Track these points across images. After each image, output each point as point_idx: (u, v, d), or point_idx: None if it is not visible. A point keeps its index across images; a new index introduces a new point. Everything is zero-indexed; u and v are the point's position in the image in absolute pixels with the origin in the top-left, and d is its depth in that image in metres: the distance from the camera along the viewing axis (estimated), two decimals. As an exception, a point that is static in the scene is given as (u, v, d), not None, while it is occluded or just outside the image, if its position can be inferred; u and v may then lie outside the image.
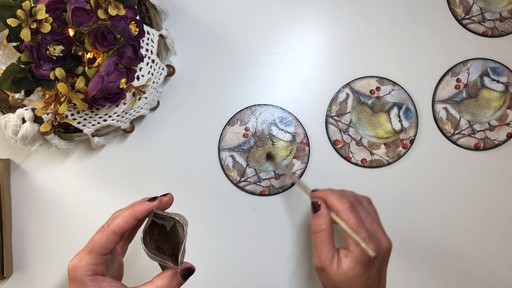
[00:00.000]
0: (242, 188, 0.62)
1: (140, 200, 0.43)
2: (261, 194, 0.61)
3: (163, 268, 0.42)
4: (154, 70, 0.56)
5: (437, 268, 0.63)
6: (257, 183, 0.61)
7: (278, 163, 0.60)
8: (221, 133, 0.62)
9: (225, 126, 0.62)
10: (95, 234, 0.41)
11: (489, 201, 0.63)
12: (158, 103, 0.62)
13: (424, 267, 0.63)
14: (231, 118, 0.62)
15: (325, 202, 0.50)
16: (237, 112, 0.62)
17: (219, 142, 0.62)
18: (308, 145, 0.62)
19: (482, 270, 0.63)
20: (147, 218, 0.41)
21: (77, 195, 0.62)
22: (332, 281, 0.47)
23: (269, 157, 0.61)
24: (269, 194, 0.62)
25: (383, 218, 0.52)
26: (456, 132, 0.64)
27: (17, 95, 0.51)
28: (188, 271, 0.41)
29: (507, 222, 0.63)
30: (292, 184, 0.62)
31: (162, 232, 0.42)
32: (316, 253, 0.48)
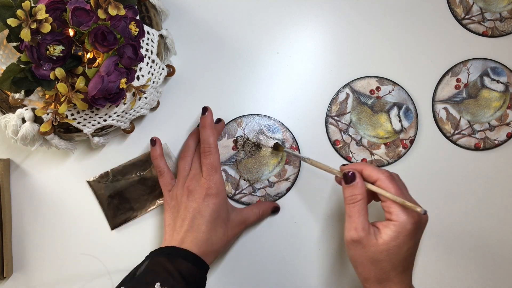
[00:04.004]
0: (238, 201, 0.62)
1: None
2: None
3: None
4: (154, 70, 0.56)
5: (436, 267, 0.63)
6: (253, 193, 0.62)
7: (289, 152, 0.59)
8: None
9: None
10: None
11: (489, 201, 0.63)
12: (158, 103, 0.62)
13: (424, 266, 0.63)
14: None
15: (360, 173, 0.49)
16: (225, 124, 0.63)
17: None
18: (298, 149, 0.62)
19: (481, 270, 0.63)
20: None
21: (77, 195, 0.62)
22: (370, 253, 0.46)
23: (277, 147, 0.61)
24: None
25: (383, 218, 0.52)
26: (456, 132, 0.64)
27: (17, 95, 0.51)
28: (276, 208, 0.62)
29: (507, 222, 0.63)
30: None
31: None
32: (351, 224, 0.47)
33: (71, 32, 0.45)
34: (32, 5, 0.42)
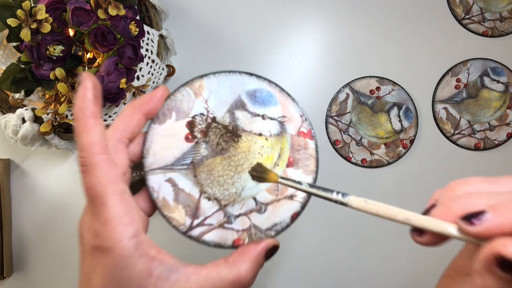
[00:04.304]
0: (198, 240, 0.36)
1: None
2: None
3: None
4: (154, 70, 0.56)
5: (437, 266, 0.63)
6: (226, 225, 0.34)
7: (291, 185, 0.30)
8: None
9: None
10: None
11: (489, 201, 0.63)
12: (158, 103, 0.62)
13: (423, 266, 0.63)
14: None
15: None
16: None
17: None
18: (316, 145, 0.62)
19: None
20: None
21: (77, 195, 0.62)
22: None
23: (259, 174, 0.32)
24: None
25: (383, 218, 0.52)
26: (456, 132, 0.63)
27: (17, 95, 0.51)
28: (274, 249, 0.31)
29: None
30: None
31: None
32: None
33: (71, 32, 0.45)
34: (32, 5, 0.42)
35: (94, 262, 0.28)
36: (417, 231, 0.26)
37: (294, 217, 0.33)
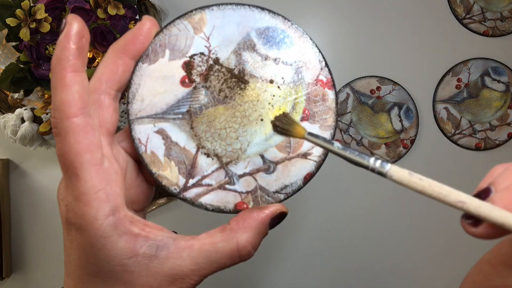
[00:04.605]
0: (193, 203, 0.31)
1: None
2: None
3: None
4: (154, 69, 0.55)
5: (437, 265, 0.63)
6: (227, 185, 0.30)
7: (320, 143, 0.26)
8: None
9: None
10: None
11: (490, 201, 0.63)
12: (158, 103, 0.62)
13: (423, 265, 0.62)
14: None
15: None
16: None
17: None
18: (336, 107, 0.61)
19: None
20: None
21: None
22: None
23: (283, 125, 0.28)
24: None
25: (383, 218, 0.51)
26: (457, 132, 0.63)
27: (16, 95, 0.51)
28: (280, 216, 0.26)
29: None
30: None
31: None
32: None
33: (70, 32, 0.45)
34: (31, 4, 0.42)
35: (69, 238, 0.25)
36: (472, 220, 0.21)
37: (308, 178, 0.28)
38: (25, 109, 0.51)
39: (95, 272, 0.24)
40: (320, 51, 0.29)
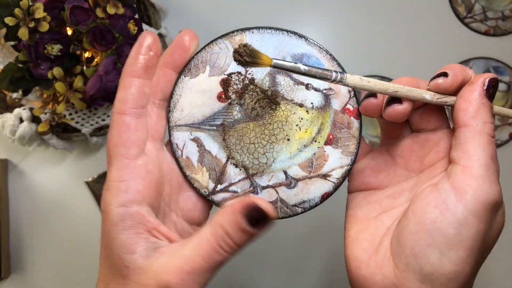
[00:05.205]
0: (218, 205, 0.33)
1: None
2: None
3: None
4: (154, 69, 0.55)
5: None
6: (251, 194, 0.34)
7: (291, 68, 0.26)
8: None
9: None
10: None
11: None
12: (158, 102, 0.61)
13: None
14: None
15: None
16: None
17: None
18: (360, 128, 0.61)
19: (481, 270, 0.63)
20: None
21: (75, 195, 0.61)
22: (498, 229, 0.28)
23: (245, 55, 0.26)
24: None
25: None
26: (458, 132, 0.63)
27: (14, 95, 0.51)
28: (257, 212, 0.24)
29: (508, 223, 0.63)
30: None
31: None
32: (491, 174, 0.28)
33: (69, 31, 0.45)
34: (30, 3, 0.42)
35: (102, 228, 0.27)
36: (396, 101, 0.27)
37: (325, 197, 0.31)
38: (23, 109, 0.51)
39: (106, 256, 0.26)
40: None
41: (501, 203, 0.26)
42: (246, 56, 0.25)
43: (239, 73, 0.30)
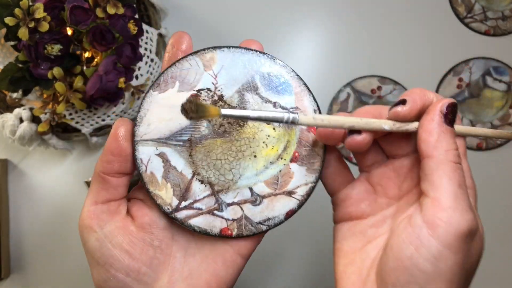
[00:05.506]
0: (183, 223, 0.32)
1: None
2: None
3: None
4: (153, 69, 0.55)
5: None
6: (215, 212, 0.34)
7: (236, 115, 0.27)
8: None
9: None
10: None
11: (491, 201, 0.63)
12: (158, 102, 0.61)
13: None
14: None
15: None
16: None
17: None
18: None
19: (481, 270, 0.62)
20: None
21: (75, 195, 0.61)
22: (477, 254, 0.28)
23: (190, 108, 0.26)
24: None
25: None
26: (458, 132, 0.63)
27: (14, 95, 0.51)
28: None
29: (508, 223, 0.63)
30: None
31: None
32: (462, 202, 0.26)
33: (69, 31, 0.45)
34: (30, 3, 0.42)
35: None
36: (355, 133, 0.28)
37: (289, 214, 0.31)
38: (23, 109, 0.51)
39: None
40: (316, 102, 0.32)
41: (476, 229, 0.25)
42: (192, 113, 0.25)
43: (208, 89, 0.30)
